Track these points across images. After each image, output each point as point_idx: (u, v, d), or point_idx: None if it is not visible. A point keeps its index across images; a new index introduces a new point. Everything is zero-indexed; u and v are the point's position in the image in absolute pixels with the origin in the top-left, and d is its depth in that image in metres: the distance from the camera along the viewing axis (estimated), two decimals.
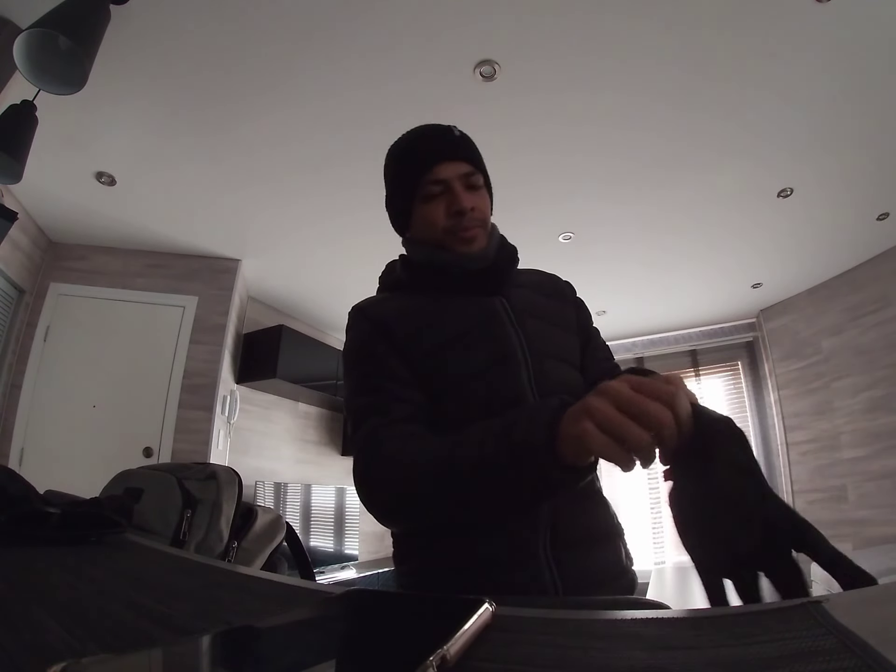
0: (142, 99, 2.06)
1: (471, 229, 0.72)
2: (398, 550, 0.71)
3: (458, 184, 0.72)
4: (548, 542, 0.62)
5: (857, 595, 0.31)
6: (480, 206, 0.74)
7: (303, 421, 4.19)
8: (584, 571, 0.62)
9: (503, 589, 0.59)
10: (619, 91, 2.06)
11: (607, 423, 0.40)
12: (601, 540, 0.67)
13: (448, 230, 0.72)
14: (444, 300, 0.73)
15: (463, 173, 0.73)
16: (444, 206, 0.72)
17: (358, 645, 0.24)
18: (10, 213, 1.97)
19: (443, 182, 0.72)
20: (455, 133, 0.76)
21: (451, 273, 0.74)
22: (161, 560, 0.52)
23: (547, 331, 0.74)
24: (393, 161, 0.79)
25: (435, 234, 0.73)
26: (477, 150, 0.77)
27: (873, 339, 3.32)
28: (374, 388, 0.68)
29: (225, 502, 0.81)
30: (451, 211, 0.71)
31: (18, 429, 2.70)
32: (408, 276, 0.78)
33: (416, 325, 0.71)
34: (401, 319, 0.71)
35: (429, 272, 0.75)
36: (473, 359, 0.68)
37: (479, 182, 0.74)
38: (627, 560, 0.70)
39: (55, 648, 0.23)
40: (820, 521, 3.08)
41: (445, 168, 0.72)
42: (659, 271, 3.57)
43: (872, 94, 2.06)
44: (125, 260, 3.16)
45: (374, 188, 2.62)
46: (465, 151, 0.75)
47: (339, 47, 1.85)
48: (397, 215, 0.80)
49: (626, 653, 0.22)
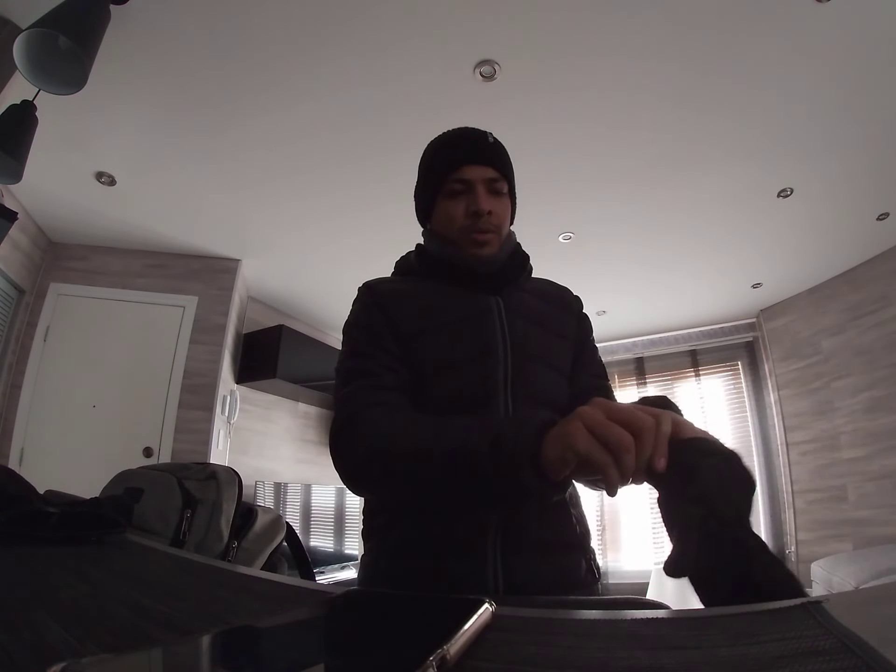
0: (142, 99, 2.07)
1: (485, 233, 0.74)
2: (365, 528, 0.74)
3: (482, 186, 0.75)
4: (497, 543, 0.62)
5: (857, 595, 0.31)
6: (498, 212, 0.76)
7: (303, 421, 4.19)
8: (531, 577, 0.62)
9: (443, 576, 0.61)
10: (619, 91, 2.06)
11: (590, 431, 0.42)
12: (555, 549, 0.66)
13: (463, 229, 0.75)
14: (444, 291, 0.76)
15: (488, 178, 0.75)
16: (464, 205, 0.75)
17: (358, 645, 0.24)
18: (10, 213, 1.97)
19: (467, 182, 0.75)
20: (489, 139, 0.79)
21: (457, 269, 0.76)
22: (161, 560, 0.52)
23: (537, 334, 0.75)
24: (428, 154, 0.82)
25: (451, 230, 0.76)
26: (508, 159, 0.80)
27: (873, 339, 3.32)
28: (364, 354, 0.71)
29: (225, 502, 0.81)
30: (469, 210, 0.74)
31: (18, 429, 2.70)
32: (419, 264, 0.81)
33: (410, 309, 0.74)
34: (398, 301, 0.75)
35: (437, 264, 0.78)
36: (454, 350, 0.70)
37: (502, 189, 0.77)
38: (589, 574, 0.69)
39: (55, 648, 0.23)
40: (820, 521, 3.05)
41: (472, 170, 0.75)
42: (659, 271, 3.57)
43: (872, 94, 2.06)
44: (125, 260, 3.16)
45: (374, 188, 2.63)
46: (495, 158, 0.77)
47: (339, 48, 1.85)
48: (422, 206, 0.83)
49: (626, 653, 0.22)
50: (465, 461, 0.52)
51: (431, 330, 0.71)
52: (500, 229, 0.77)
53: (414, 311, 0.73)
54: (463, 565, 0.62)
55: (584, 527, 0.72)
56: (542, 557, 0.64)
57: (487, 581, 0.61)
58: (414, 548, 0.65)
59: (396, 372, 0.69)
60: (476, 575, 0.61)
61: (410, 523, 0.66)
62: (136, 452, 2.81)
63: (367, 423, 0.62)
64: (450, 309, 0.73)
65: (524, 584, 0.62)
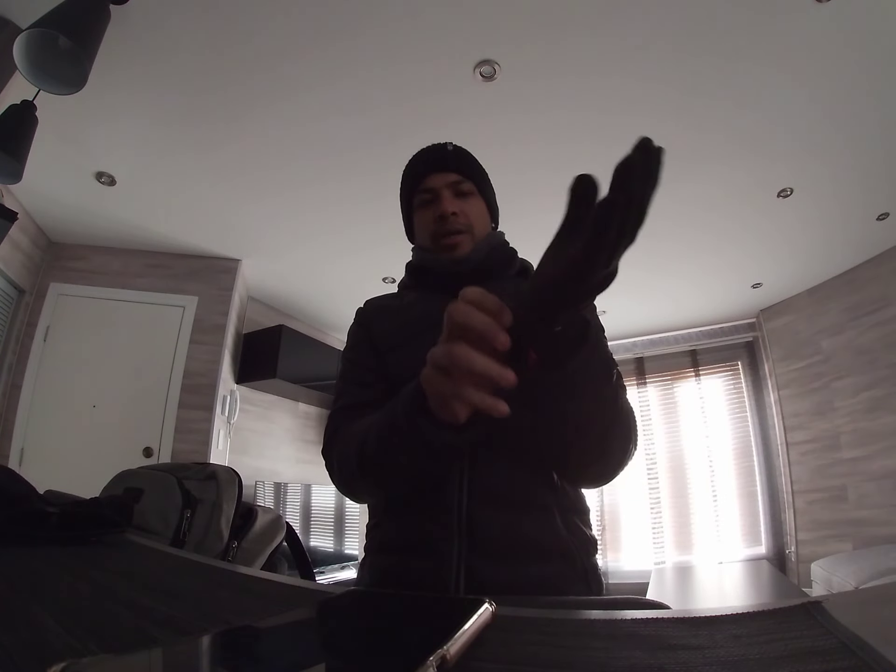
0: (142, 99, 2.07)
1: (455, 234, 0.76)
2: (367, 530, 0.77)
3: (446, 191, 0.78)
4: (463, 547, 0.61)
5: (857, 595, 0.31)
6: (467, 211, 0.78)
7: (303, 421, 4.19)
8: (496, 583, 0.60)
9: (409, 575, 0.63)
10: (619, 91, 2.06)
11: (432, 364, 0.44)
12: (528, 556, 0.62)
13: (434, 234, 0.78)
14: (426, 299, 0.78)
15: (451, 182, 0.78)
16: (432, 212, 0.78)
17: (358, 645, 0.24)
18: (10, 213, 1.97)
19: (432, 190, 0.78)
20: (448, 148, 0.82)
21: (435, 274, 0.79)
22: (161, 560, 0.52)
23: None
24: (402, 179, 0.86)
25: (426, 239, 0.79)
26: (470, 161, 0.83)
27: (873, 339, 3.32)
28: (347, 377, 0.77)
29: (225, 502, 0.81)
30: (435, 215, 0.77)
31: (18, 429, 2.70)
32: (407, 276, 0.85)
33: (391, 324, 0.78)
34: (381, 317, 0.80)
35: (420, 273, 0.82)
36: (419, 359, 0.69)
37: (468, 189, 0.79)
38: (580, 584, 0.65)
39: (55, 648, 0.23)
40: (820, 521, 3.05)
41: (435, 178, 0.79)
42: (659, 271, 3.57)
43: (872, 93, 2.06)
44: (125, 260, 3.16)
45: (374, 189, 2.63)
46: (455, 162, 0.80)
47: (339, 48, 1.85)
48: (406, 225, 0.88)
49: (626, 653, 0.22)
50: (389, 429, 0.55)
51: (404, 342, 0.73)
52: (472, 228, 0.78)
53: (394, 325, 0.77)
54: (426, 565, 0.62)
55: (578, 536, 0.68)
56: (512, 563, 0.61)
57: (449, 582, 0.60)
58: (388, 547, 0.68)
59: (374, 387, 0.73)
60: (437, 575, 0.61)
61: (391, 524, 0.69)
62: (136, 452, 2.81)
63: (338, 443, 0.69)
64: (422, 318, 0.73)
65: (486, 589, 0.59)
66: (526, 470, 0.65)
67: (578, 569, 0.66)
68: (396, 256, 3.14)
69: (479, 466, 0.65)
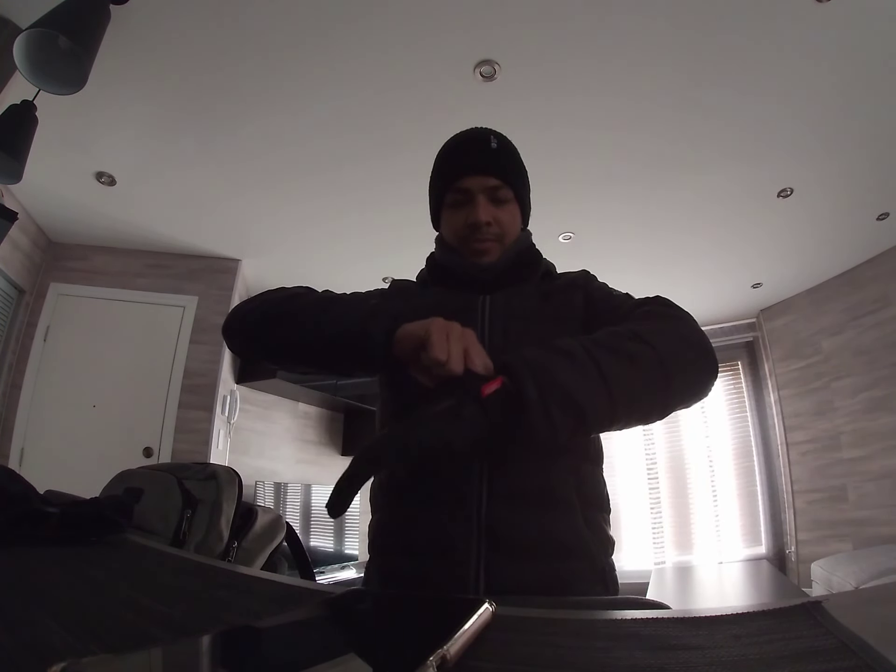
0: (142, 99, 2.06)
1: (483, 242, 0.74)
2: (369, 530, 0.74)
3: (482, 196, 0.74)
4: (483, 546, 0.60)
5: (857, 595, 0.31)
6: (501, 219, 0.75)
7: (303, 421, 4.19)
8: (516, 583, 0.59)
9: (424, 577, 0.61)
10: (619, 92, 2.06)
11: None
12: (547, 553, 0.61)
13: (463, 239, 0.75)
14: (441, 293, 0.77)
15: (489, 186, 0.74)
16: (464, 216, 0.74)
17: (358, 645, 0.24)
18: (10, 213, 1.97)
19: (467, 191, 0.74)
20: (492, 145, 0.77)
21: (456, 276, 0.77)
22: (161, 560, 0.52)
23: (522, 331, 0.71)
24: (437, 160, 0.82)
25: (453, 239, 0.77)
26: (513, 163, 0.79)
27: (873, 339, 3.32)
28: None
29: (225, 502, 0.81)
30: (468, 221, 0.74)
31: (18, 429, 2.70)
32: (428, 272, 0.83)
33: (400, 301, 0.76)
34: (400, 295, 0.80)
35: (441, 271, 0.80)
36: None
37: (505, 196, 0.75)
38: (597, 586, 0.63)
39: (55, 648, 0.23)
40: (820, 521, 3.05)
41: (472, 180, 0.74)
42: (659, 271, 3.57)
43: (872, 94, 2.06)
44: (125, 260, 3.16)
45: (375, 189, 2.63)
46: (496, 165, 0.75)
47: (340, 48, 1.85)
48: (431, 213, 0.84)
49: (626, 653, 0.22)
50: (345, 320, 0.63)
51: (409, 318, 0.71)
52: (502, 238, 0.75)
53: (407, 304, 0.74)
54: (443, 564, 0.61)
55: (598, 534, 0.66)
56: (533, 562, 0.60)
57: (468, 581, 0.59)
58: (399, 546, 0.65)
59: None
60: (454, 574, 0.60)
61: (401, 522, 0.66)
62: (136, 452, 2.81)
63: (275, 295, 0.76)
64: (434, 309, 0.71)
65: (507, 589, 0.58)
66: (548, 464, 0.64)
67: (598, 568, 0.65)
68: (397, 257, 3.15)
69: (500, 463, 0.63)
